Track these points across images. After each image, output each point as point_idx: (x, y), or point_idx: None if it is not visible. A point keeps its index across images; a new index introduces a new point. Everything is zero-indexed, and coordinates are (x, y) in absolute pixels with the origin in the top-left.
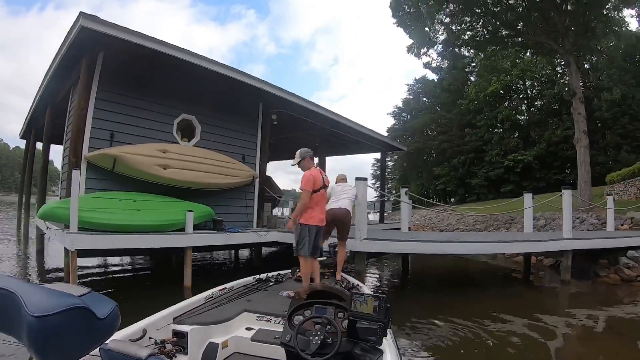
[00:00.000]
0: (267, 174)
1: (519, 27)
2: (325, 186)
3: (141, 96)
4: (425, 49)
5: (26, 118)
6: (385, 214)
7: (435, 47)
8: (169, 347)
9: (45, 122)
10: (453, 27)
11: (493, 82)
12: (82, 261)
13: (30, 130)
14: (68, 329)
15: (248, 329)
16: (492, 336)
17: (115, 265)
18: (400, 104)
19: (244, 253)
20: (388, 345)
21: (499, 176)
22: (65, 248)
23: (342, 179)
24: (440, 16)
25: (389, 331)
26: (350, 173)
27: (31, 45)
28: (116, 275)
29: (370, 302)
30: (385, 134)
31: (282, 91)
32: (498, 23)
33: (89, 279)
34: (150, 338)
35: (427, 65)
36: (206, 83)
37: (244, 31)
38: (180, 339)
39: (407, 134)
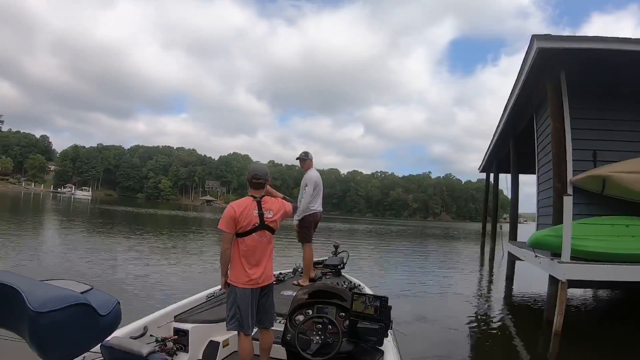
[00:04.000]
0: None
1: None
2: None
3: (619, 105)
4: None
5: (485, 154)
6: None
7: None
8: (169, 344)
9: (510, 152)
10: None
11: None
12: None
13: (490, 164)
14: (69, 325)
15: None
16: None
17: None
18: None
19: None
20: (389, 346)
21: None
22: (551, 276)
23: (310, 164)
24: None
25: (390, 332)
26: None
27: (485, 93)
28: (600, 309)
29: (372, 303)
30: None
31: None
32: None
33: (574, 310)
34: (151, 335)
35: None
36: None
37: None
38: (182, 337)
39: None
